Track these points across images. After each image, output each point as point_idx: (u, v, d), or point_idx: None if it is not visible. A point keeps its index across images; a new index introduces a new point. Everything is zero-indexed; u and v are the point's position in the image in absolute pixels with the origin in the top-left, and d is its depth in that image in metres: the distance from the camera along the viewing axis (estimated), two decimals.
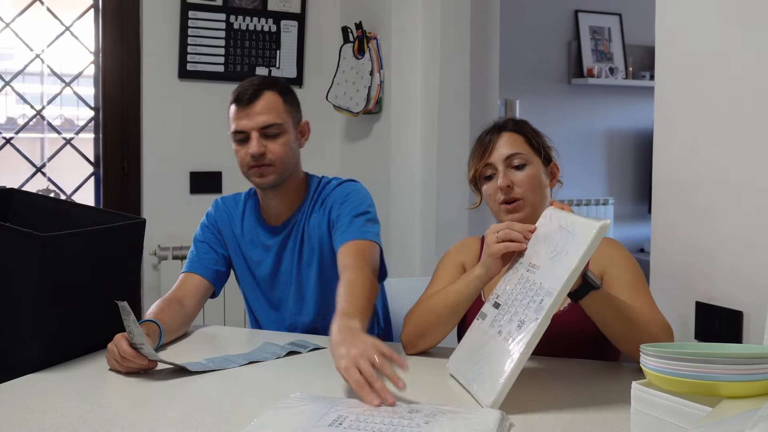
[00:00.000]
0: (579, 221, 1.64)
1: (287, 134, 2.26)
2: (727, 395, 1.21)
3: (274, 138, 2.23)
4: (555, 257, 1.63)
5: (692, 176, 2.08)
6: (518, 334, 1.58)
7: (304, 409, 1.48)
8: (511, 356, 1.55)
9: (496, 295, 1.75)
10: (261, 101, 2.21)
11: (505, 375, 1.53)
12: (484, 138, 2.08)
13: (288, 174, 2.29)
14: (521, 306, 1.63)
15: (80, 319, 1.91)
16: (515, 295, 1.68)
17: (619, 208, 5.70)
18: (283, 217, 2.35)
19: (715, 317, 2.00)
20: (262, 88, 2.23)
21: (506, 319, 1.64)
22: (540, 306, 1.57)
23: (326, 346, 2.05)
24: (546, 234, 1.72)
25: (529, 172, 2.02)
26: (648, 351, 1.29)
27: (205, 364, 1.86)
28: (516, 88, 5.18)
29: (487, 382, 1.57)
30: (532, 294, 1.62)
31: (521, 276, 1.71)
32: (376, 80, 3.79)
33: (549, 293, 1.57)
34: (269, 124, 2.21)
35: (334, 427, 1.39)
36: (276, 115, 2.23)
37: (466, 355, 1.73)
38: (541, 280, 1.63)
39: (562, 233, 1.66)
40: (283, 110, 2.25)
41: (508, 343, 1.59)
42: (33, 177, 3.88)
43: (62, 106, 3.98)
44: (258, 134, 2.21)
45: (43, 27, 3.87)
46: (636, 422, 1.32)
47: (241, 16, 4.07)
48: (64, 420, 1.49)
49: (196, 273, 2.30)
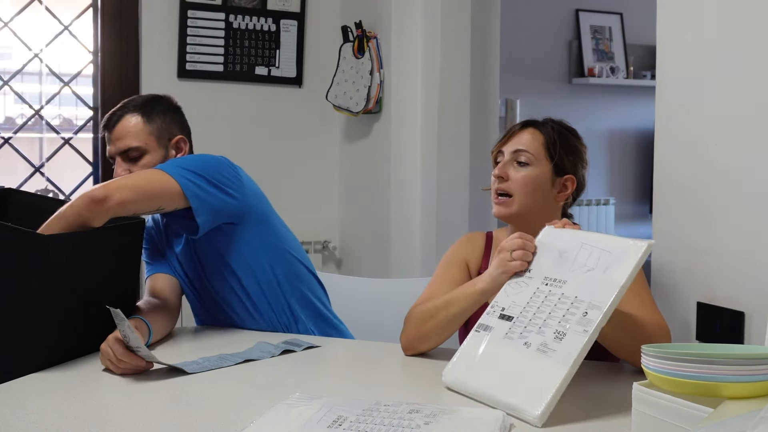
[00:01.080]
0: (611, 239, 1.68)
1: (150, 154, 2.24)
2: (728, 396, 1.21)
3: (136, 161, 2.22)
4: (589, 273, 1.64)
5: (693, 176, 2.07)
6: (559, 345, 1.55)
7: (304, 409, 1.47)
8: (559, 368, 1.52)
9: (501, 308, 1.71)
10: (119, 126, 2.23)
11: (554, 388, 1.49)
12: (513, 126, 2.10)
13: None
14: (553, 318, 1.61)
15: (80, 319, 1.90)
16: (536, 308, 1.66)
17: (619, 208, 5.70)
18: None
19: (716, 318, 2.00)
20: (122, 112, 2.25)
21: (533, 332, 1.61)
22: (586, 319, 1.56)
23: (320, 345, 2.05)
24: (562, 250, 1.73)
25: (527, 172, 2.01)
26: (649, 352, 1.29)
27: (201, 363, 1.85)
28: (516, 88, 5.17)
29: (531, 394, 1.51)
30: (566, 307, 1.61)
31: (537, 290, 1.69)
32: (376, 80, 3.78)
33: (595, 306, 1.57)
34: (127, 148, 2.22)
35: (334, 428, 1.38)
36: (134, 138, 2.22)
37: (473, 367, 1.66)
38: (575, 293, 1.62)
39: (590, 250, 1.68)
40: (144, 131, 2.24)
41: (548, 355, 1.55)
42: (31, 177, 3.87)
43: (61, 106, 3.97)
44: (120, 158, 2.22)
45: (41, 26, 3.86)
46: (637, 423, 1.32)
47: (240, 16, 4.06)
48: (63, 421, 1.49)
49: (159, 272, 2.33)
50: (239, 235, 2.22)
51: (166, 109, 2.33)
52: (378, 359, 2.01)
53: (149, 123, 2.26)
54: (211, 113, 4.04)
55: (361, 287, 2.80)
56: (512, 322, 1.66)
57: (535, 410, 1.48)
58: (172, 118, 2.33)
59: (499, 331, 1.67)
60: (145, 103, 2.28)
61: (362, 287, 2.80)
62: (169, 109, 2.34)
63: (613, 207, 5.64)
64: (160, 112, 2.30)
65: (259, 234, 2.25)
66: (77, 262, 1.88)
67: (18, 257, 1.81)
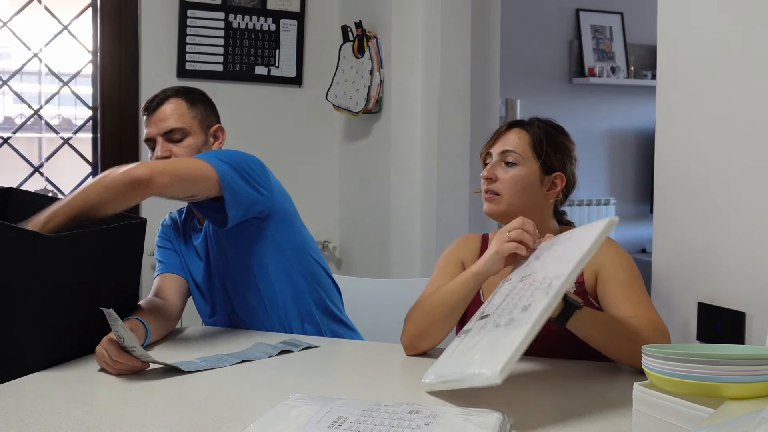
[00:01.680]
0: (579, 231, 1.73)
1: (192, 137, 2.30)
2: (729, 396, 1.21)
3: (179, 142, 2.28)
4: (557, 258, 1.66)
5: (694, 176, 2.07)
6: (524, 315, 1.54)
7: (304, 410, 1.47)
8: (519, 330, 1.50)
9: (481, 312, 1.75)
10: (164, 108, 2.29)
11: (514, 346, 1.47)
12: (499, 128, 2.13)
13: None
14: (522, 299, 1.61)
15: (81, 319, 1.90)
16: (509, 300, 1.67)
17: (620, 209, 5.68)
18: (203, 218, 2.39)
19: (717, 318, 2.00)
20: (167, 96, 2.32)
21: (505, 315, 1.61)
22: (550, 287, 1.56)
23: (318, 345, 2.04)
24: (537, 254, 1.79)
25: (515, 172, 2.03)
26: (650, 352, 1.29)
27: (198, 363, 1.85)
28: (517, 88, 5.17)
29: (490, 357, 1.50)
30: (533, 288, 1.62)
31: (513, 287, 1.72)
32: (376, 79, 3.78)
33: (558, 276, 1.57)
34: (170, 129, 2.28)
35: (334, 429, 1.37)
36: (178, 120, 2.29)
37: (449, 363, 1.68)
38: (543, 275, 1.64)
39: (561, 242, 1.73)
40: (188, 115, 2.31)
41: (513, 325, 1.54)
42: (31, 177, 3.87)
43: (60, 106, 3.96)
44: (162, 139, 2.27)
45: (40, 26, 3.85)
46: (637, 424, 1.32)
47: (240, 15, 4.06)
48: (62, 422, 1.48)
49: (170, 272, 2.35)
50: (265, 231, 2.26)
51: (206, 98, 2.41)
52: (378, 359, 2.00)
53: (192, 108, 2.33)
54: None
55: (361, 287, 2.79)
56: (488, 318, 1.69)
57: (494, 368, 1.45)
58: (211, 108, 2.41)
59: (475, 329, 1.70)
60: (187, 90, 2.36)
61: (362, 287, 2.80)
62: (208, 100, 2.42)
63: (614, 207, 5.63)
64: (201, 100, 2.38)
65: (283, 232, 2.30)
66: (78, 262, 1.88)
67: (19, 257, 1.80)
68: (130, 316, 2.00)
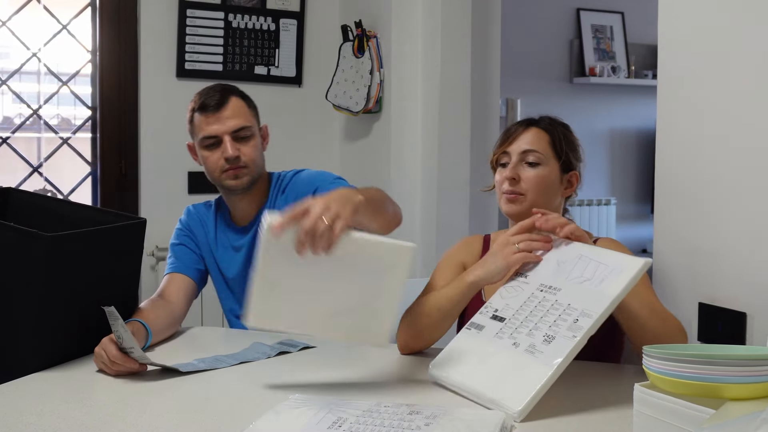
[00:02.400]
0: (610, 254, 1.70)
1: (255, 137, 2.33)
2: (730, 397, 1.21)
3: (246, 140, 2.29)
4: (584, 283, 1.66)
5: (695, 176, 2.07)
6: (547, 348, 1.57)
7: (304, 411, 1.47)
8: (544, 369, 1.54)
9: (494, 309, 1.74)
10: (229, 106, 2.27)
11: (537, 386, 1.51)
12: (511, 127, 2.10)
13: (258, 175, 2.35)
14: (544, 323, 1.63)
15: (80, 319, 1.90)
16: (529, 312, 1.68)
17: (621, 209, 5.67)
18: (250, 217, 2.38)
19: (718, 318, 1.99)
20: (227, 93, 2.29)
21: (523, 333, 1.63)
22: (576, 325, 1.58)
23: (316, 345, 2.03)
24: (560, 260, 1.75)
25: (540, 171, 2.02)
26: (651, 352, 1.29)
27: (196, 364, 1.84)
28: (517, 87, 5.15)
29: (513, 391, 1.53)
30: (558, 313, 1.63)
31: (532, 295, 1.72)
32: (376, 79, 3.77)
33: (586, 314, 1.58)
34: (241, 127, 2.27)
35: (334, 429, 1.38)
36: (245, 118, 2.29)
37: (460, 363, 1.69)
38: (568, 301, 1.64)
39: (587, 262, 1.70)
40: (249, 114, 2.32)
41: (535, 356, 1.57)
42: (30, 177, 3.86)
43: (59, 106, 3.95)
44: (230, 138, 2.26)
45: (39, 25, 3.85)
46: (638, 425, 1.32)
47: (239, 15, 4.05)
48: (61, 423, 1.48)
49: (179, 272, 2.33)
50: None
51: (250, 97, 2.39)
52: (377, 359, 1.99)
53: (250, 107, 2.35)
54: None
55: None
56: (504, 323, 1.69)
57: (516, 406, 1.49)
58: (256, 106, 2.41)
59: (489, 331, 1.70)
60: (237, 89, 2.35)
61: None
62: (251, 99, 2.40)
63: (614, 207, 5.62)
64: (251, 99, 2.38)
65: None
66: (78, 262, 1.87)
67: (19, 256, 1.80)
68: (132, 318, 1.98)
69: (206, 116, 2.26)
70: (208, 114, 2.26)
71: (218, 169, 2.28)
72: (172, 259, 2.38)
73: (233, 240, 2.38)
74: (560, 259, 1.76)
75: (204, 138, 2.27)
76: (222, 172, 2.27)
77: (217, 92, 2.28)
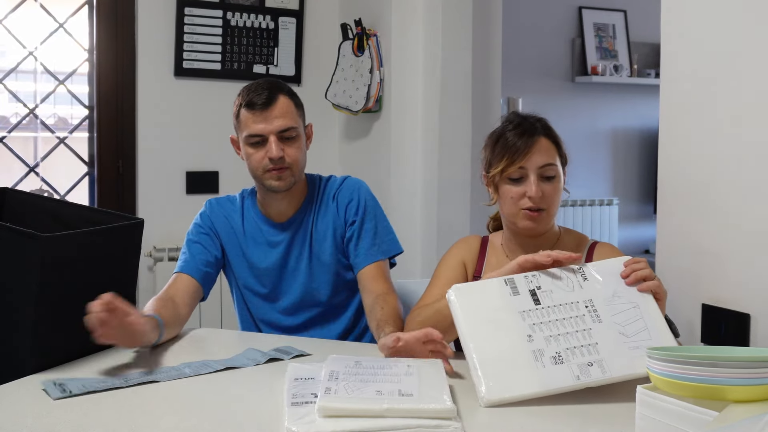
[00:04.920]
0: (662, 324, 1.68)
1: (300, 138, 2.31)
2: (733, 399, 1.22)
3: (291, 141, 2.27)
4: (621, 336, 1.65)
5: (698, 176, 2.07)
6: (551, 367, 1.60)
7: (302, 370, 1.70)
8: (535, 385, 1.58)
9: (538, 285, 1.74)
10: (277, 105, 2.24)
11: (517, 393, 1.57)
12: (517, 139, 2.01)
13: (300, 176, 2.35)
14: (566, 341, 1.64)
15: (78, 321, 1.87)
16: (563, 317, 1.69)
17: (623, 209, 5.67)
18: (288, 215, 2.38)
19: (721, 320, 2.00)
20: (276, 92, 2.26)
21: (543, 334, 1.65)
22: (587, 368, 1.60)
23: (311, 353, 2.00)
24: (618, 293, 1.73)
25: (557, 184, 2.01)
26: (654, 355, 1.30)
27: (181, 369, 1.82)
28: (518, 86, 5.14)
29: (497, 379, 1.59)
30: (581, 343, 1.64)
31: (576, 304, 1.71)
32: (376, 78, 3.76)
33: (602, 367, 1.60)
34: (287, 128, 2.25)
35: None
36: (291, 119, 2.27)
37: (474, 314, 1.72)
38: (597, 339, 1.65)
39: (638, 317, 1.69)
40: (296, 114, 2.29)
41: (537, 366, 1.60)
42: (26, 177, 3.85)
43: (56, 105, 3.94)
44: (276, 138, 2.24)
45: (36, 24, 3.83)
46: (641, 427, 1.33)
47: (238, 13, 4.04)
48: (58, 425, 1.47)
49: (188, 274, 2.30)
50: None
51: (297, 95, 2.36)
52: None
53: (297, 106, 2.31)
54: (208, 112, 4.02)
55: None
56: (536, 308, 1.70)
57: (489, 395, 1.56)
58: (302, 105, 2.37)
59: (519, 303, 1.71)
60: (286, 86, 2.32)
61: None
62: (298, 96, 2.37)
63: (617, 208, 5.62)
64: (298, 98, 2.35)
65: None
66: (74, 262, 1.87)
67: (15, 257, 1.80)
68: (145, 314, 1.96)
69: (253, 114, 2.24)
70: (255, 112, 2.24)
71: (261, 168, 2.26)
72: (186, 256, 2.34)
73: (269, 235, 2.38)
74: (619, 292, 1.73)
75: (249, 136, 2.25)
76: (265, 171, 2.26)
77: (266, 90, 2.25)
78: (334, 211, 2.37)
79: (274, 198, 2.35)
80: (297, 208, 2.38)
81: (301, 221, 2.37)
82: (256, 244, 2.38)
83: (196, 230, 2.39)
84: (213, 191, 4.01)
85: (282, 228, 2.38)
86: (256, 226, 2.39)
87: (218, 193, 4.02)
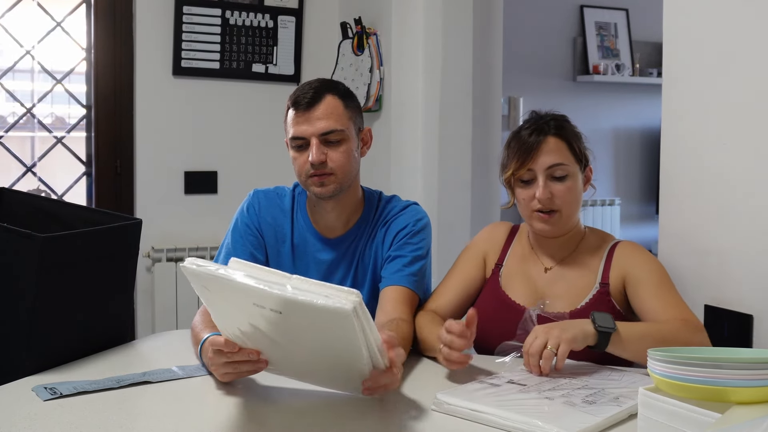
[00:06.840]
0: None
1: (349, 142, 2.10)
2: (736, 401, 1.22)
3: (336, 145, 2.08)
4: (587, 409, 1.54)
5: (701, 176, 2.07)
6: (592, 407, 1.53)
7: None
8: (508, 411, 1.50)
9: (509, 379, 1.70)
10: (321, 105, 2.07)
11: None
12: (527, 139, 1.98)
13: (348, 185, 2.14)
14: (562, 389, 1.63)
15: (77, 322, 1.89)
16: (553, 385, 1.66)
17: (625, 209, 5.66)
18: (339, 231, 2.21)
19: (724, 321, 2.00)
20: (322, 91, 2.09)
21: (558, 393, 1.61)
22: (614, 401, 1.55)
23: None
24: (599, 383, 1.69)
25: (569, 184, 1.97)
26: (656, 356, 1.30)
27: (175, 371, 1.81)
28: (520, 86, 5.13)
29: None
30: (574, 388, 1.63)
31: (589, 380, 1.70)
32: (376, 77, 3.75)
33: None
34: (330, 130, 2.06)
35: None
36: (337, 121, 2.07)
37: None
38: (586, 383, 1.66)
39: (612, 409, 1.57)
40: (345, 116, 2.10)
41: (575, 408, 1.51)
42: (23, 176, 3.84)
43: (53, 104, 3.94)
44: (318, 141, 2.06)
45: (33, 23, 3.83)
46: (643, 429, 1.33)
47: (236, 12, 4.04)
48: (55, 427, 1.47)
49: None
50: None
51: (355, 97, 2.20)
52: None
53: (348, 108, 2.12)
54: (207, 112, 4.02)
55: None
56: (525, 387, 1.65)
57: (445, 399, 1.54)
58: (359, 107, 2.20)
59: (508, 387, 1.65)
60: (338, 86, 2.15)
61: None
62: (356, 99, 2.21)
63: (619, 208, 5.62)
64: (353, 99, 2.17)
65: None
66: (72, 264, 1.86)
67: (13, 257, 1.80)
68: (212, 333, 1.79)
69: (296, 114, 2.08)
70: (298, 112, 2.08)
71: (303, 173, 2.09)
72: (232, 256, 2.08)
73: (315, 250, 2.22)
74: (601, 383, 1.68)
75: (292, 138, 2.10)
76: (307, 177, 2.09)
77: (312, 89, 2.09)
78: (381, 237, 2.19)
79: (323, 208, 2.17)
80: (348, 225, 2.20)
81: (351, 242, 2.20)
82: (301, 258, 2.22)
83: (245, 230, 2.22)
84: (212, 192, 4.01)
85: (330, 245, 2.20)
86: (303, 238, 2.22)
87: (217, 194, 4.01)
